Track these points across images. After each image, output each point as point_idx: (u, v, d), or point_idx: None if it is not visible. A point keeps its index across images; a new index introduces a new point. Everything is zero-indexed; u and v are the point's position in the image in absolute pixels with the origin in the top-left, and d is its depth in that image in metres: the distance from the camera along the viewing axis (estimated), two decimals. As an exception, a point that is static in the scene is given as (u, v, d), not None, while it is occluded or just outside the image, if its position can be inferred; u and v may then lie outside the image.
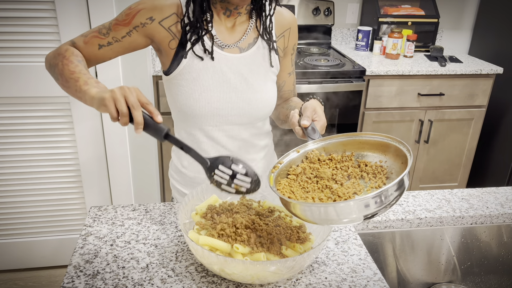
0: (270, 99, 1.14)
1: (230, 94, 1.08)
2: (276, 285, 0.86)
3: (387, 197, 0.72)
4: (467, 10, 3.04)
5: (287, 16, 1.15)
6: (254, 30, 1.11)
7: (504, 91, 2.72)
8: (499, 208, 1.18)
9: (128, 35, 1.02)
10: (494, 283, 1.22)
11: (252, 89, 1.10)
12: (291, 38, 1.17)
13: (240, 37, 1.09)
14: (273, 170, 0.88)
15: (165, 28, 1.03)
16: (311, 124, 0.97)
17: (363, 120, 2.52)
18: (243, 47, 1.09)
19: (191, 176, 1.19)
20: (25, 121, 1.94)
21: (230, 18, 1.07)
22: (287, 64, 1.20)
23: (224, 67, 1.07)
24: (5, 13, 1.76)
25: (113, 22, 1.03)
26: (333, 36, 2.97)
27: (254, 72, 1.10)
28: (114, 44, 1.03)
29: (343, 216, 0.73)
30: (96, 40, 1.02)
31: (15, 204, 2.08)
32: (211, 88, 1.06)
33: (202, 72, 1.06)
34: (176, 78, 1.07)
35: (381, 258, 1.15)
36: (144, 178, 2.18)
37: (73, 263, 0.89)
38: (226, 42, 1.07)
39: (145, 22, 1.02)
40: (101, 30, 1.03)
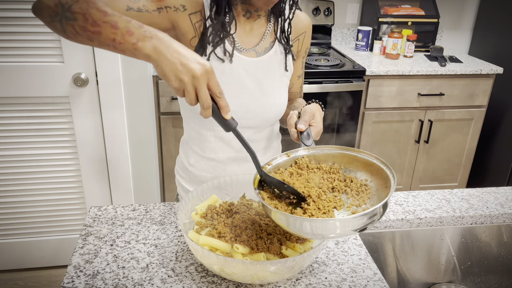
0: (282, 104, 1.14)
1: (246, 99, 1.07)
2: (276, 285, 0.86)
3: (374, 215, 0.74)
4: (467, 10, 3.04)
5: (303, 20, 1.15)
6: (271, 34, 1.10)
7: (504, 91, 2.72)
8: (499, 208, 1.18)
9: (158, 11, 0.93)
10: (494, 283, 1.22)
11: (266, 94, 1.09)
12: (305, 42, 1.17)
13: (258, 41, 1.08)
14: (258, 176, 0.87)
15: (192, 23, 1.00)
16: (307, 130, 0.97)
17: (363, 120, 2.52)
18: (260, 51, 1.08)
19: (197, 174, 1.18)
20: (25, 121, 1.94)
21: (249, 20, 1.06)
22: (298, 67, 1.20)
23: (241, 71, 1.06)
24: (5, 13, 1.76)
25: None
26: (333, 36, 2.97)
27: (270, 77, 1.09)
28: (144, 13, 0.90)
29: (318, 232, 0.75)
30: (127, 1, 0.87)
31: (15, 204, 2.08)
32: (227, 91, 1.04)
33: (220, 75, 1.04)
34: None
35: (381, 258, 1.15)
36: (144, 178, 2.18)
37: (73, 263, 0.89)
38: (244, 46, 1.06)
39: (178, 7, 0.96)
40: None
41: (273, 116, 1.13)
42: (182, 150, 1.23)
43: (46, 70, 1.85)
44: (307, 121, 0.98)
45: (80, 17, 0.76)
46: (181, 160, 1.23)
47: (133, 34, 0.73)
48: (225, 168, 1.16)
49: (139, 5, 0.89)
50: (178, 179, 1.26)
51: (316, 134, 0.99)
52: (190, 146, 1.17)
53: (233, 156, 1.15)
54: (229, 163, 1.15)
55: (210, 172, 1.17)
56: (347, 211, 0.82)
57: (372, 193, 0.85)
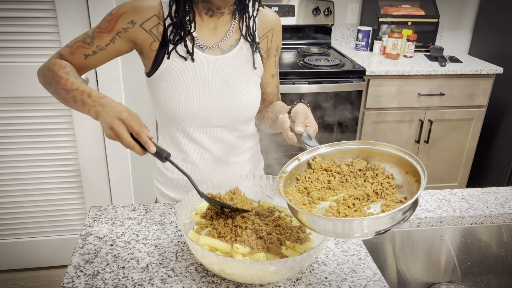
0: (253, 102, 1.13)
1: (211, 96, 1.07)
2: (276, 285, 0.86)
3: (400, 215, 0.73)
4: (467, 10, 3.04)
5: (270, 17, 1.14)
6: (236, 31, 1.09)
7: (504, 91, 2.72)
8: (499, 208, 1.18)
9: (111, 42, 1.02)
10: (494, 283, 1.22)
11: (233, 92, 1.09)
12: (275, 39, 1.16)
13: (222, 38, 1.08)
14: (280, 181, 0.86)
15: (146, 31, 1.02)
16: (305, 131, 0.95)
17: (363, 120, 2.52)
18: (224, 48, 1.08)
19: (173, 178, 1.18)
20: (25, 121, 1.94)
21: (212, 18, 1.06)
22: (270, 66, 1.18)
23: (205, 69, 1.06)
24: (5, 13, 1.76)
25: (96, 30, 1.02)
26: (333, 36, 2.97)
27: (236, 74, 1.09)
28: (99, 52, 1.03)
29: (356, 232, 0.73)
30: (82, 50, 1.02)
31: (15, 204, 2.08)
32: (191, 90, 1.05)
33: (183, 74, 1.05)
34: (157, 79, 1.06)
35: (381, 258, 1.15)
36: (144, 178, 2.18)
37: (73, 263, 0.89)
38: (208, 44, 1.06)
39: (126, 26, 1.01)
40: (85, 39, 1.03)
41: (244, 114, 1.12)
42: None
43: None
44: (303, 122, 0.96)
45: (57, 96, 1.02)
46: (157, 165, 1.23)
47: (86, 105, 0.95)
48: (201, 170, 1.15)
49: (93, 49, 1.03)
50: (156, 183, 1.25)
51: (313, 133, 0.98)
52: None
53: (207, 157, 1.14)
54: (204, 164, 1.15)
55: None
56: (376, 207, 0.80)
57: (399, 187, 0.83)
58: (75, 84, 0.97)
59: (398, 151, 0.85)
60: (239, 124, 1.14)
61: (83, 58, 1.03)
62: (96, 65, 1.06)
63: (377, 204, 0.81)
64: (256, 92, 1.14)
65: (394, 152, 0.86)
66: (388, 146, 0.87)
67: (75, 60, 1.04)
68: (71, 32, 1.81)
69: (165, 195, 1.22)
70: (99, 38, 1.02)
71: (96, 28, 1.03)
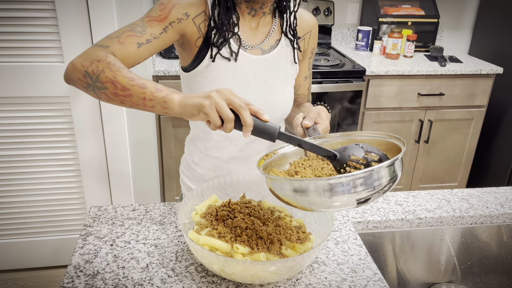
0: (288, 102, 1.14)
1: (250, 95, 1.07)
2: (276, 285, 0.86)
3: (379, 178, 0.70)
4: (467, 10, 3.04)
5: (308, 19, 1.15)
6: (277, 31, 1.10)
7: (504, 91, 2.72)
8: (499, 208, 1.17)
9: (164, 31, 0.97)
10: (494, 283, 1.22)
11: (271, 92, 1.09)
12: (311, 41, 1.18)
13: (263, 38, 1.09)
14: (265, 158, 0.87)
15: (196, 25, 1.01)
16: (313, 126, 0.97)
17: (363, 120, 2.52)
18: (265, 49, 1.09)
19: (201, 173, 1.19)
20: (25, 121, 1.94)
21: (254, 18, 1.07)
22: (304, 67, 1.20)
23: (245, 68, 1.06)
24: (5, 13, 1.76)
25: (146, 19, 0.97)
26: (333, 36, 2.97)
27: (275, 75, 1.10)
28: (153, 41, 0.96)
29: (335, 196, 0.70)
30: (134, 39, 0.94)
31: (15, 204, 2.08)
32: (231, 88, 1.04)
33: (224, 72, 1.05)
34: (196, 75, 1.06)
35: (381, 258, 1.15)
36: (144, 178, 2.18)
37: (73, 263, 0.89)
38: (249, 43, 1.07)
39: (181, 17, 0.99)
40: (134, 28, 0.95)
41: (279, 114, 1.13)
42: (187, 148, 1.23)
43: (46, 70, 1.85)
44: (312, 118, 0.98)
45: (110, 85, 0.85)
46: (186, 158, 1.23)
47: (162, 91, 0.83)
48: (228, 166, 1.16)
49: (147, 37, 0.95)
50: (183, 178, 1.26)
51: (323, 131, 0.99)
52: (196, 144, 1.18)
53: (237, 155, 1.15)
54: (233, 161, 1.16)
55: (214, 170, 1.17)
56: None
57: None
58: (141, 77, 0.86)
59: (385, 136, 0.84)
60: None
61: (136, 47, 0.94)
62: (145, 56, 0.98)
63: None
64: (291, 93, 1.15)
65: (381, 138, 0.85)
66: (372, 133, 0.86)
67: (125, 51, 0.93)
68: (71, 32, 1.81)
69: (190, 189, 1.23)
70: (151, 27, 0.96)
71: (145, 17, 0.98)
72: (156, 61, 2.26)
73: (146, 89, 0.83)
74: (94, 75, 0.85)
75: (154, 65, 2.17)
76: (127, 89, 0.84)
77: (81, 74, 0.87)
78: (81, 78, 0.87)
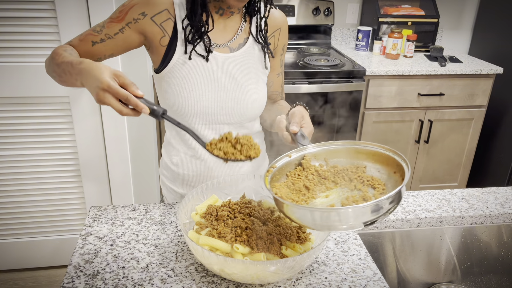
0: (260, 99, 1.14)
1: (220, 93, 1.08)
2: (276, 285, 0.86)
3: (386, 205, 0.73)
4: (467, 10, 3.04)
5: (277, 17, 1.15)
6: (245, 30, 1.11)
7: (504, 91, 2.72)
8: (499, 208, 1.18)
9: (120, 31, 1.02)
10: (494, 283, 1.22)
11: (241, 89, 1.10)
12: (281, 38, 1.17)
13: (231, 37, 1.09)
14: (267, 174, 0.87)
15: (157, 24, 1.03)
16: (300, 131, 0.97)
17: (363, 120, 2.52)
18: (233, 47, 1.09)
19: (180, 173, 1.19)
20: (25, 121, 1.94)
21: (222, 17, 1.07)
22: (275, 64, 1.19)
23: (214, 66, 1.07)
24: (5, 13, 1.76)
25: (107, 20, 1.04)
26: (333, 36, 2.97)
27: (244, 72, 1.10)
28: (107, 41, 1.03)
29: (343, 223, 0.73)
30: (90, 37, 1.03)
31: (15, 204, 2.08)
32: (200, 86, 1.06)
33: (192, 71, 1.06)
34: (166, 76, 1.07)
35: (381, 258, 1.15)
36: (144, 178, 2.18)
37: (73, 263, 0.89)
38: (217, 42, 1.08)
39: (137, 17, 1.02)
40: (95, 28, 1.04)
41: (251, 112, 1.13)
42: (165, 150, 1.24)
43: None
44: (298, 123, 0.97)
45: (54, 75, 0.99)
46: (164, 160, 1.24)
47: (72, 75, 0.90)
48: (208, 165, 1.16)
49: (101, 36, 1.03)
50: (163, 179, 1.26)
51: (308, 134, 0.99)
52: (173, 145, 1.18)
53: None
54: (212, 160, 1.16)
55: (193, 170, 1.17)
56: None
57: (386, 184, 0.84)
58: (66, 57, 0.94)
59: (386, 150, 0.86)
60: (245, 122, 1.15)
61: (90, 45, 1.03)
62: (102, 53, 1.05)
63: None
64: (263, 90, 1.15)
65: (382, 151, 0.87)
66: (376, 145, 0.88)
67: (82, 47, 1.03)
68: (71, 32, 1.81)
69: (171, 190, 1.23)
70: (108, 27, 1.03)
71: (107, 19, 1.04)
72: (156, 61, 2.26)
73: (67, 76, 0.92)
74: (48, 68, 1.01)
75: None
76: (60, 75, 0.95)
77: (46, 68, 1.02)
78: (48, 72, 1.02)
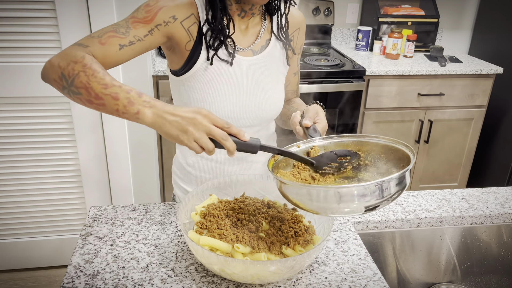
0: (280, 101, 1.14)
1: (243, 98, 1.07)
2: (276, 285, 0.86)
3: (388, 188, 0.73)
4: (467, 10, 3.04)
5: (297, 16, 1.15)
6: (267, 31, 1.10)
7: (504, 91, 2.72)
8: (499, 208, 1.17)
9: (150, 33, 0.94)
10: (494, 283, 1.22)
11: (263, 93, 1.09)
12: (300, 38, 1.17)
13: (254, 39, 1.08)
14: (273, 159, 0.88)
15: (185, 29, 0.99)
16: (313, 126, 0.98)
17: (363, 120, 2.52)
18: (256, 49, 1.08)
19: (196, 175, 1.18)
20: (25, 121, 1.94)
21: (244, 19, 1.06)
22: (293, 64, 1.20)
23: (237, 71, 1.05)
24: (5, 13, 1.76)
25: (131, 20, 0.94)
26: (333, 36, 2.97)
27: (267, 75, 1.10)
28: (136, 43, 0.93)
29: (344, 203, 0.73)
30: (116, 40, 0.91)
31: (15, 204, 2.08)
32: (224, 92, 1.05)
33: (217, 76, 1.04)
34: (189, 80, 1.04)
35: (381, 258, 1.15)
36: (144, 178, 2.18)
37: (73, 263, 0.89)
38: (240, 45, 1.06)
39: (168, 20, 0.96)
40: (117, 29, 0.92)
41: (270, 114, 1.13)
42: (180, 150, 1.22)
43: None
44: (311, 117, 0.99)
45: (83, 92, 0.82)
46: (179, 160, 1.22)
47: (134, 104, 0.80)
48: (224, 168, 1.16)
49: (130, 39, 0.92)
50: (175, 179, 1.25)
51: (322, 130, 1.00)
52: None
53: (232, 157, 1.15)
54: (228, 163, 1.15)
55: (209, 172, 1.16)
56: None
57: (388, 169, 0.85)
58: (115, 80, 0.83)
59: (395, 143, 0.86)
60: (265, 124, 1.15)
61: (117, 49, 0.91)
62: (127, 58, 0.95)
63: None
64: (282, 91, 1.15)
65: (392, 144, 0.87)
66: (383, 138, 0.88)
67: (105, 52, 0.90)
68: (71, 32, 1.81)
69: (183, 189, 1.22)
70: (135, 28, 0.93)
71: (129, 18, 0.94)
72: (156, 61, 2.26)
73: (118, 100, 0.80)
74: (69, 78, 0.83)
75: (154, 65, 2.17)
76: (100, 98, 0.81)
77: (57, 76, 0.85)
78: (57, 80, 0.85)
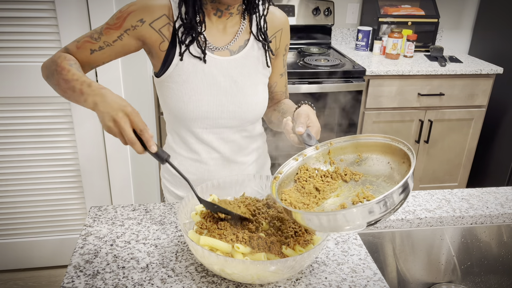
0: (261, 102, 1.13)
1: (220, 97, 1.07)
2: (276, 285, 0.86)
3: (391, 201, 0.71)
4: (467, 10, 3.04)
5: (279, 17, 1.14)
6: (246, 32, 1.10)
7: (504, 91, 2.72)
8: (499, 208, 1.18)
9: (119, 38, 1.01)
10: (494, 283, 1.22)
11: (242, 92, 1.09)
12: (283, 38, 1.16)
13: (231, 39, 1.08)
14: (275, 181, 0.87)
15: (156, 30, 1.02)
16: (306, 131, 0.95)
17: (363, 120, 2.52)
18: (233, 49, 1.08)
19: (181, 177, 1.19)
20: (25, 121, 1.94)
21: (221, 19, 1.06)
22: (278, 65, 1.19)
23: (214, 70, 1.06)
24: (5, 13, 1.76)
25: (105, 26, 1.02)
26: (333, 36, 2.97)
27: (245, 75, 1.09)
28: (106, 48, 1.02)
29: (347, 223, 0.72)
30: (88, 45, 1.02)
31: (15, 204, 2.08)
32: (200, 91, 1.05)
33: (192, 75, 1.05)
34: (166, 80, 1.06)
35: (381, 258, 1.15)
36: (144, 178, 2.18)
37: (73, 263, 0.89)
38: (217, 45, 1.06)
39: (135, 24, 1.01)
40: (92, 35, 1.02)
41: (252, 115, 1.12)
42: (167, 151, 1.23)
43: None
44: (304, 123, 0.96)
45: (57, 87, 0.98)
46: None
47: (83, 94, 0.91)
48: (209, 169, 1.16)
49: (100, 44, 1.02)
50: (164, 182, 1.26)
51: (316, 133, 0.98)
52: (174, 149, 1.18)
53: (216, 157, 1.15)
54: (213, 164, 1.15)
55: (195, 173, 1.17)
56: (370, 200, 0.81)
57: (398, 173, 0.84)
58: (76, 75, 0.94)
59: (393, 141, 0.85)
60: (247, 125, 1.14)
61: (89, 53, 1.02)
62: (102, 61, 1.05)
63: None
64: (264, 93, 1.14)
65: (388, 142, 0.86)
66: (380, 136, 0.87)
67: (80, 55, 1.02)
68: (71, 32, 1.81)
69: (172, 193, 1.23)
70: (106, 34, 1.01)
71: (104, 25, 1.03)
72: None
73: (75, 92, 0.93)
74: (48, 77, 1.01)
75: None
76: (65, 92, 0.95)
77: (45, 75, 1.02)
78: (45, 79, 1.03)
